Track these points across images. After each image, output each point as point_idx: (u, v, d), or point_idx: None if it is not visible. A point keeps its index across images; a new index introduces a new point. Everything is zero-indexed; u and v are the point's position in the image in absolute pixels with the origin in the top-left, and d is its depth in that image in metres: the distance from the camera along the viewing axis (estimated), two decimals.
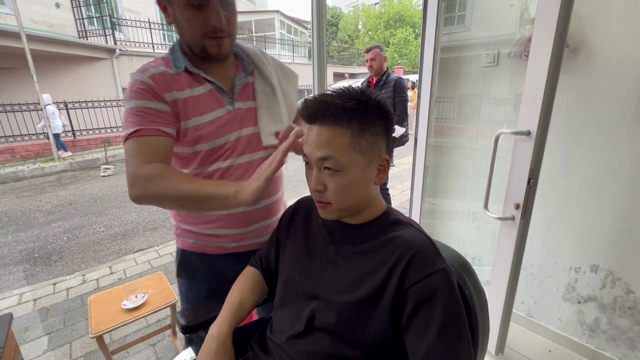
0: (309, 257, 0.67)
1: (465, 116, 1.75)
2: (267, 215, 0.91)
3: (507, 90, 1.57)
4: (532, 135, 1.15)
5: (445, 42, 1.66)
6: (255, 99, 0.82)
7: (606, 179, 1.29)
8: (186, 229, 0.87)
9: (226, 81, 0.80)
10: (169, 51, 0.79)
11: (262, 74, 0.85)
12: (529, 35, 1.40)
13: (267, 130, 0.82)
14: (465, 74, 1.70)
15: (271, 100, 0.84)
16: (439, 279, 0.51)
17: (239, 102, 0.80)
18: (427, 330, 0.49)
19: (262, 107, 0.83)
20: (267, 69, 0.86)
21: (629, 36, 1.17)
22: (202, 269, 0.89)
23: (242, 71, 0.83)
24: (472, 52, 1.67)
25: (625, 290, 1.30)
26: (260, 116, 0.82)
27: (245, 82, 0.82)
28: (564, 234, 1.44)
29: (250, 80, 0.83)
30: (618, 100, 1.21)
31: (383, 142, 0.58)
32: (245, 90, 0.82)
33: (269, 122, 0.83)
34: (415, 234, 0.57)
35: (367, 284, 0.56)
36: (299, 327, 0.63)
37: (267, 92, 0.84)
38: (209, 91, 0.77)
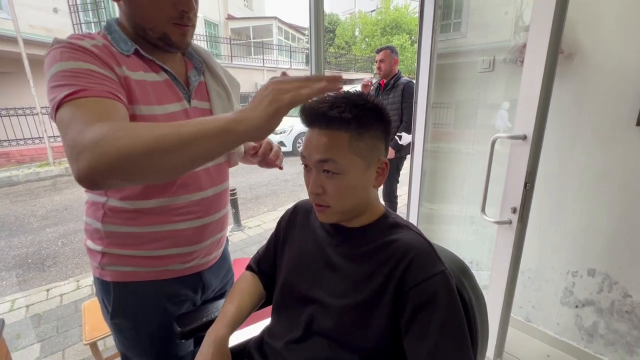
0: (307, 260, 0.67)
1: (461, 121, 1.77)
2: (222, 226, 0.83)
3: (502, 96, 1.59)
4: (528, 139, 1.16)
5: (442, 49, 1.68)
6: (209, 100, 0.75)
7: (601, 183, 1.30)
8: (119, 254, 0.69)
9: (180, 75, 0.72)
10: (105, 30, 0.65)
11: (213, 74, 0.78)
12: (524, 42, 1.42)
13: None
14: (461, 80, 1.72)
15: (225, 104, 0.78)
16: (438, 282, 0.51)
17: (195, 100, 0.72)
18: (427, 333, 0.49)
19: (218, 109, 0.75)
20: (218, 69, 0.79)
21: (621, 42, 1.19)
22: (146, 301, 0.73)
23: (194, 68, 0.75)
24: (468, 59, 1.70)
25: (623, 294, 1.31)
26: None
27: (199, 80, 0.75)
28: (561, 238, 1.45)
29: (202, 80, 0.76)
30: (612, 105, 1.23)
31: (382, 145, 0.59)
32: (199, 89, 0.75)
33: None
34: (414, 237, 0.57)
35: (365, 288, 0.56)
36: (297, 332, 0.63)
37: (221, 94, 0.78)
38: (165, 81, 0.67)
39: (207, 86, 0.76)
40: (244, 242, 3.04)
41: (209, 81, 0.77)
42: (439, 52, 1.67)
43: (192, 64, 0.76)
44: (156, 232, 0.70)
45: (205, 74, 0.77)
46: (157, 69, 0.67)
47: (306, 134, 0.58)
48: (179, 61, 0.73)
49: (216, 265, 0.86)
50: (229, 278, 0.96)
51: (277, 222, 0.82)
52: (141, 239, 0.69)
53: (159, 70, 0.67)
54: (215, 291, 0.89)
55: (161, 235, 0.70)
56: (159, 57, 0.68)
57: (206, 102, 0.75)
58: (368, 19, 19.38)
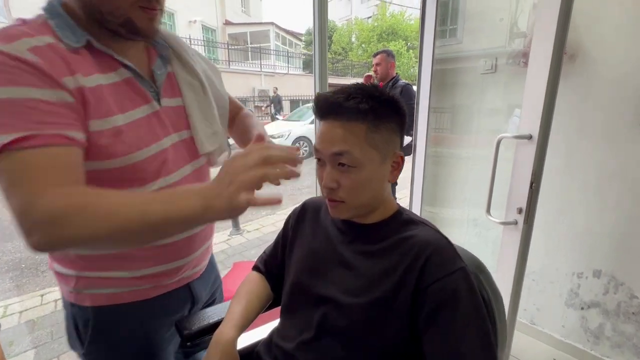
0: (318, 258, 0.65)
1: (460, 126, 1.78)
2: (211, 231, 0.76)
3: (505, 98, 1.59)
4: (533, 139, 1.16)
5: (439, 55, 1.70)
6: (181, 94, 0.64)
7: (607, 183, 1.30)
8: (98, 276, 0.61)
9: (143, 69, 0.59)
10: (47, 13, 0.51)
11: (183, 62, 0.66)
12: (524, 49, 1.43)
13: (203, 134, 0.65)
14: (459, 85, 1.73)
15: (200, 96, 0.67)
16: (459, 279, 0.50)
17: (166, 98, 0.61)
18: (449, 333, 0.47)
19: (193, 105, 0.65)
20: (187, 55, 0.67)
21: (623, 43, 1.20)
22: (132, 323, 0.66)
23: (158, 57, 0.63)
24: (464, 64, 1.73)
25: (629, 295, 1.30)
26: (193, 116, 0.64)
27: (167, 71, 0.63)
28: (566, 239, 1.44)
29: (170, 70, 0.64)
30: (616, 105, 1.23)
31: (397, 139, 0.57)
32: (168, 82, 0.63)
33: (203, 123, 0.66)
34: (431, 233, 0.56)
35: (381, 285, 0.54)
36: (309, 333, 0.60)
37: (195, 85, 0.66)
38: (126, 80, 0.55)
39: (177, 77, 0.64)
40: (243, 246, 3.00)
41: (178, 71, 0.65)
42: (436, 57, 1.68)
43: (156, 52, 0.63)
44: (139, 250, 0.60)
45: (172, 63, 0.65)
46: (115, 65, 0.54)
47: (319, 127, 0.57)
48: (141, 51, 0.61)
49: (205, 274, 0.79)
50: (217, 286, 0.89)
51: (285, 221, 0.80)
52: (122, 260, 0.60)
53: (118, 66, 0.55)
54: (204, 303, 0.81)
55: (144, 254, 0.61)
56: (117, 48, 0.55)
57: (178, 98, 0.64)
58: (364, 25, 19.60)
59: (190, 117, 0.64)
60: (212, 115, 0.68)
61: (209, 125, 0.67)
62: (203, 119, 0.66)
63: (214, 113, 0.69)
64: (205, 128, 0.66)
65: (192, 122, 0.64)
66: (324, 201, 0.74)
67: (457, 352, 0.46)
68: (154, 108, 0.58)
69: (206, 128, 0.66)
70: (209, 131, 0.66)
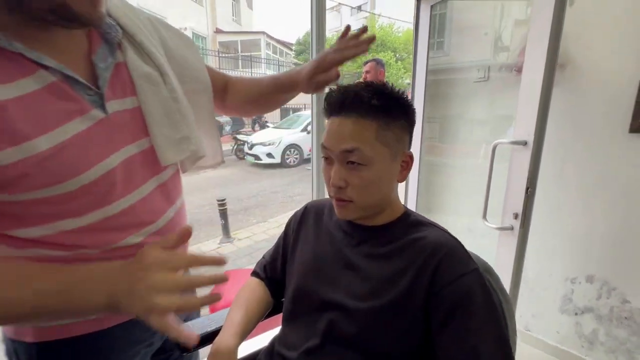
0: (323, 262, 0.63)
1: (452, 135, 1.82)
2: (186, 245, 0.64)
3: (498, 106, 1.63)
4: (528, 145, 1.18)
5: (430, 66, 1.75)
6: (135, 92, 0.50)
7: (598, 189, 1.32)
8: None
9: (77, 64, 0.45)
10: None
11: (137, 45, 0.51)
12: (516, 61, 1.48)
13: (166, 141, 0.52)
14: (448, 95, 1.78)
15: (162, 94, 0.52)
16: (473, 280, 0.48)
17: (113, 100, 0.47)
18: (465, 335, 0.46)
19: (152, 105, 0.50)
20: (142, 32, 0.52)
21: (609, 53, 1.24)
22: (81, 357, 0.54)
23: (104, 44, 0.48)
24: (452, 76, 1.80)
25: (621, 300, 1.31)
26: (152, 119, 0.50)
27: (114, 62, 0.48)
28: (559, 245, 1.46)
29: (121, 60, 0.49)
30: (605, 112, 1.27)
31: (407, 137, 0.57)
32: (118, 77, 0.48)
33: (166, 127, 0.52)
34: (442, 235, 0.55)
35: (392, 288, 0.52)
36: (315, 341, 0.58)
37: (154, 78, 0.51)
38: (49, 87, 0.41)
39: (129, 69, 0.49)
40: (234, 254, 2.94)
41: (132, 60, 0.49)
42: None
43: (100, 37, 0.48)
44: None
45: (124, 49, 0.49)
46: (31, 67, 0.40)
47: (328, 124, 0.56)
48: (78, 39, 0.46)
49: None
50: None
51: (286, 224, 0.77)
52: None
53: (36, 68, 0.40)
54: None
55: None
56: (39, 39, 0.41)
57: (132, 98, 0.49)
58: None
59: (148, 121, 0.50)
60: (180, 116, 0.54)
61: (175, 128, 0.53)
62: (166, 123, 0.52)
63: (185, 112, 0.55)
64: (170, 133, 0.52)
65: (150, 128, 0.50)
66: (326, 203, 0.73)
67: (474, 354, 0.45)
68: (95, 118, 0.44)
69: (171, 133, 0.52)
70: (175, 136, 0.53)
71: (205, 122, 0.67)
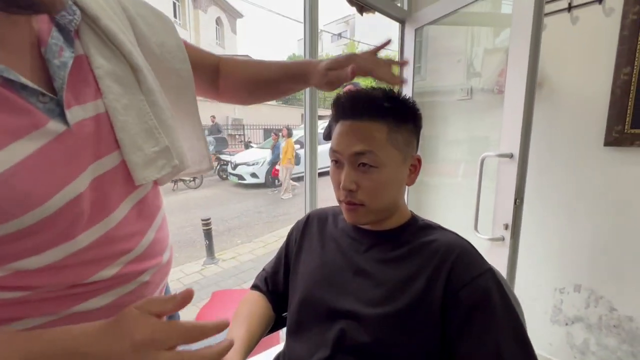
0: (331, 270, 0.61)
1: (432, 156, 1.93)
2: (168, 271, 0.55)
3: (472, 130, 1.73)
4: (515, 157, 1.23)
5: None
6: (100, 93, 0.40)
7: (579, 200, 1.38)
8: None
9: (22, 61, 0.35)
10: None
11: (100, 30, 0.40)
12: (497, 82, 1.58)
13: (141, 157, 0.42)
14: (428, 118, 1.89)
15: (135, 95, 0.42)
16: (489, 279, 0.48)
17: (76, 106, 0.37)
18: (486, 334, 0.45)
19: (121, 110, 0.40)
20: (107, 14, 0.41)
21: (580, 74, 1.34)
22: None
23: (55, 31, 0.37)
24: (429, 99, 1.93)
25: (609, 308, 1.35)
26: (123, 130, 0.41)
27: (73, 56, 0.38)
28: (545, 256, 1.49)
29: (81, 52, 0.39)
30: (581, 128, 1.35)
31: (415, 141, 0.58)
32: (78, 76, 0.38)
33: (140, 138, 0.42)
34: (453, 237, 0.55)
35: (407, 292, 0.51)
36: (324, 352, 0.55)
37: (123, 76, 0.41)
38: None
39: (92, 64, 0.39)
40: (219, 276, 2.82)
41: (93, 52, 0.39)
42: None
43: (51, 21, 0.37)
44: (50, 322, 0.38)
45: (82, 37, 0.39)
46: None
47: (338, 128, 0.56)
48: (19, 29, 0.35)
49: None
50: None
51: (288, 234, 0.76)
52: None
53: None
54: None
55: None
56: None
57: (96, 101, 0.39)
58: None
59: (118, 132, 0.40)
60: (159, 123, 0.44)
61: (152, 139, 0.43)
62: (141, 133, 0.42)
63: (164, 117, 0.45)
64: (145, 145, 0.42)
65: (120, 140, 0.40)
66: (329, 211, 0.72)
67: (496, 354, 0.44)
68: (53, 133, 0.34)
69: (146, 145, 0.42)
70: (152, 149, 0.43)
71: (188, 123, 0.56)
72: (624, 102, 1.24)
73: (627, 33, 1.21)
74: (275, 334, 0.68)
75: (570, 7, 1.32)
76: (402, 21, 1.76)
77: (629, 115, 1.23)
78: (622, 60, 1.23)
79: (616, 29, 1.23)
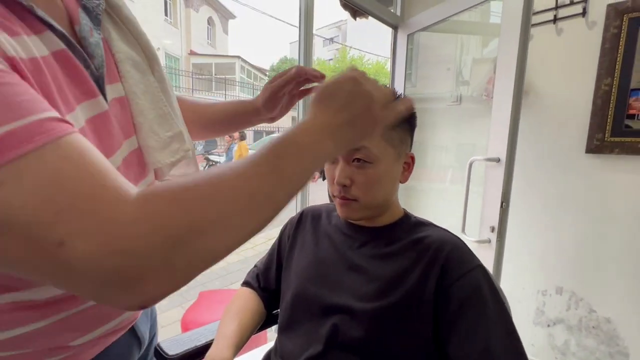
0: (324, 265, 0.61)
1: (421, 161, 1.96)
2: None
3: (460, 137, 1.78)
4: (501, 161, 1.26)
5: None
6: (120, 78, 0.41)
7: (561, 205, 1.43)
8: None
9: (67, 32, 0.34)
10: None
11: (121, 19, 0.42)
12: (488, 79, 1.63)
13: (157, 140, 0.43)
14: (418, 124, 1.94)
15: (149, 78, 0.44)
16: (480, 274, 0.50)
17: (109, 85, 0.39)
18: (477, 328, 0.46)
19: (139, 95, 0.42)
20: (127, 8, 0.43)
21: (564, 82, 1.40)
22: None
23: (82, 11, 0.37)
24: (419, 105, 1.93)
25: (588, 310, 1.39)
26: (141, 114, 0.42)
27: (101, 37, 0.38)
28: (529, 259, 1.54)
29: (102, 35, 0.39)
30: (564, 135, 1.41)
31: (409, 139, 0.59)
32: (107, 58, 0.39)
33: (155, 123, 0.43)
34: (444, 233, 0.56)
35: (400, 287, 0.52)
36: (317, 348, 0.55)
37: (139, 63, 0.43)
38: (57, 54, 0.32)
39: (112, 49, 0.40)
40: (206, 277, 2.77)
41: (114, 38, 0.41)
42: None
43: (78, 3, 0.37)
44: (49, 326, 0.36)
45: (102, 22, 0.39)
46: (38, 26, 0.31)
47: None
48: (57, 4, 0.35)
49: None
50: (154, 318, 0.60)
51: (280, 232, 0.76)
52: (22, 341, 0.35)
53: (42, 28, 0.31)
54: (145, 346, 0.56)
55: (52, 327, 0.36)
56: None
57: (117, 84, 0.40)
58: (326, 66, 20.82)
59: (135, 115, 0.41)
60: (171, 108, 0.45)
61: (166, 124, 0.44)
62: (156, 118, 0.43)
63: (174, 103, 0.47)
64: (160, 130, 0.44)
65: (138, 124, 0.41)
66: (323, 208, 0.72)
67: (486, 351, 0.45)
68: (103, 104, 0.36)
69: (161, 130, 0.44)
70: (166, 134, 0.44)
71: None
72: (605, 112, 1.29)
73: (608, 46, 1.26)
74: (263, 332, 0.68)
75: (555, 19, 1.38)
76: (395, 27, 1.79)
77: (609, 124, 1.29)
78: (603, 72, 1.28)
79: (598, 42, 1.29)
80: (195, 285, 2.60)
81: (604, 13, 1.26)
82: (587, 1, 1.30)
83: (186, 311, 1.58)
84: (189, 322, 1.49)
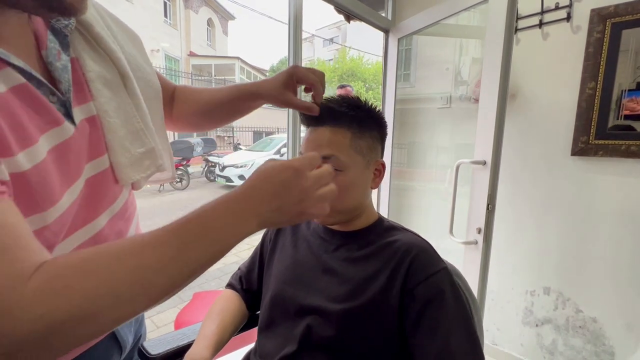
0: (301, 268, 0.64)
1: (417, 161, 1.98)
2: None
3: (456, 136, 1.79)
4: (487, 164, 1.29)
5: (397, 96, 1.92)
6: (91, 96, 0.41)
7: (547, 206, 1.45)
8: None
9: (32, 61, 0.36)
10: None
11: (92, 36, 0.42)
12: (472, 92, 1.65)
13: (128, 156, 0.44)
14: (413, 124, 1.94)
15: (122, 98, 0.44)
16: (443, 278, 0.52)
17: (77, 108, 0.39)
18: (437, 330, 0.48)
19: (111, 113, 0.42)
20: (99, 23, 0.43)
21: (550, 86, 1.42)
22: None
23: (51, 34, 0.38)
24: (417, 105, 1.98)
25: (575, 309, 1.41)
26: (112, 132, 0.42)
27: (69, 58, 0.39)
28: (517, 260, 1.56)
29: (72, 55, 0.40)
30: (551, 137, 1.43)
31: (379, 147, 0.61)
32: (75, 78, 0.39)
33: (127, 140, 0.44)
34: (413, 237, 0.58)
35: (369, 289, 0.54)
36: (292, 347, 0.58)
37: (111, 80, 0.43)
38: (16, 89, 0.32)
39: (83, 68, 0.40)
40: (202, 278, 2.80)
41: (85, 56, 0.41)
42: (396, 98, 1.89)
43: (46, 25, 0.38)
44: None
45: (73, 41, 0.40)
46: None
47: (307, 134, 0.59)
48: (23, 26, 0.35)
49: None
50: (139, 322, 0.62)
51: (263, 235, 0.78)
52: None
53: (1, 66, 0.31)
54: (129, 349, 0.58)
55: None
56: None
57: (88, 103, 0.41)
58: (326, 67, 20.84)
59: (107, 133, 0.42)
60: (144, 124, 0.46)
61: (138, 140, 0.45)
62: (127, 135, 0.44)
63: (147, 119, 0.47)
64: (132, 147, 0.44)
65: (109, 142, 0.42)
66: None
67: (446, 349, 0.47)
68: (69, 130, 0.36)
69: (132, 146, 0.44)
70: (138, 150, 0.45)
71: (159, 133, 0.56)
72: (589, 115, 1.31)
73: (592, 50, 1.29)
74: (253, 330, 0.70)
75: (541, 24, 1.40)
76: (386, 30, 1.81)
77: (593, 127, 1.31)
78: (587, 76, 1.30)
79: (582, 46, 1.31)
80: (191, 287, 2.63)
81: (588, 18, 1.28)
82: (571, 6, 1.32)
83: (180, 312, 1.61)
84: (182, 322, 1.51)
